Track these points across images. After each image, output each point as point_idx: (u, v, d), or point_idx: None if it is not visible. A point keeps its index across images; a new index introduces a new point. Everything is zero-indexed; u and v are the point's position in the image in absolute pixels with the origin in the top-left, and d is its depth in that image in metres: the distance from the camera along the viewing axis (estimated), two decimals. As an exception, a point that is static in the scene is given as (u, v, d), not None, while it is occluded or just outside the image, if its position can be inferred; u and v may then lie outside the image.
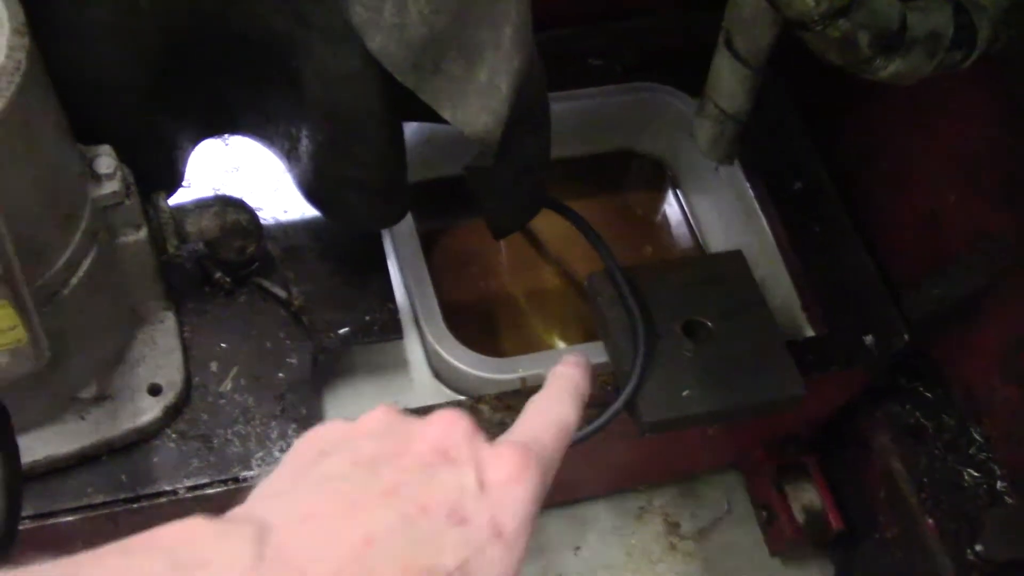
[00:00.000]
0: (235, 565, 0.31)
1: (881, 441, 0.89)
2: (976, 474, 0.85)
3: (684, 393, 0.74)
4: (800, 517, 0.93)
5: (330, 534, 0.33)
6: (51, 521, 0.67)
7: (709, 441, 0.93)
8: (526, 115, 0.63)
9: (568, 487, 0.98)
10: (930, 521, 0.84)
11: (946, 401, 0.88)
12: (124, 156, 0.62)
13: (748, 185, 0.90)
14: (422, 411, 0.47)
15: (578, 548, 0.98)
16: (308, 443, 0.39)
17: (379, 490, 0.35)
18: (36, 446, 0.66)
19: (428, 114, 0.59)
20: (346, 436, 0.39)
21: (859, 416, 0.91)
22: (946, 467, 0.86)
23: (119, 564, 0.30)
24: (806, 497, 0.94)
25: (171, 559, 0.30)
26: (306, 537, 0.33)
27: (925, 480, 0.86)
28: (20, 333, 0.48)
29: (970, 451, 0.86)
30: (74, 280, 0.60)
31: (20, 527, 0.61)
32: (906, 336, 0.84)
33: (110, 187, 0.61)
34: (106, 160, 0.61)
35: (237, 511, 0.34)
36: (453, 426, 0.39)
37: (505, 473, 0.38)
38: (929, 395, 0.89)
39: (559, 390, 0.45)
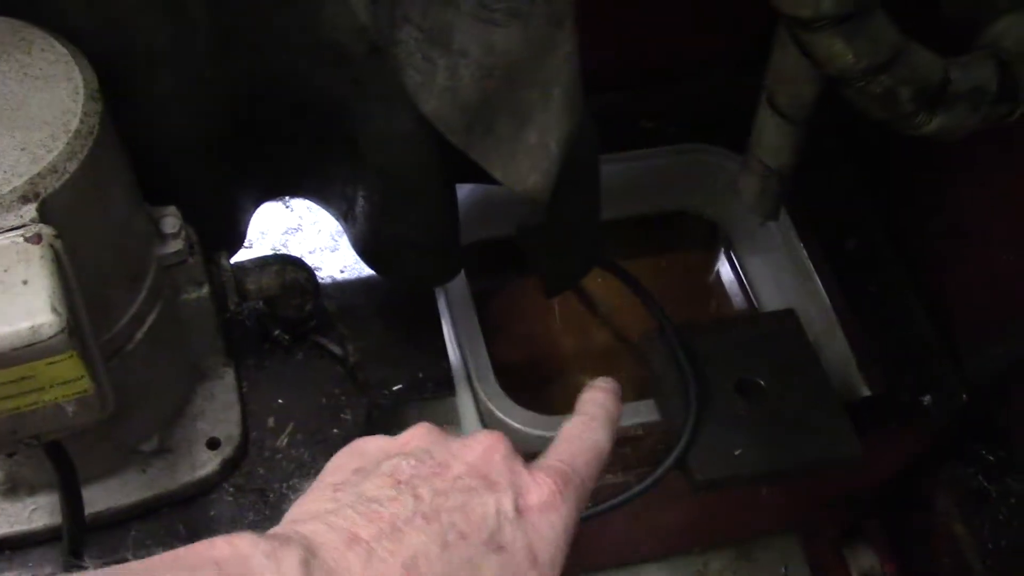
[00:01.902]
0: None
1: (944, 505, 0.87)
2: (1043, 540, 0.83)
3: (737, 452, 0.74)
4: (860, 582, 0.91)
5: (373, 556, 0.34)
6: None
7: (766, 503, 0.91)
8: (576, 175, 0.65)
9: (623, 549, 0.97)
10: (996, 588, 0.81)
11: (1010, 464, 0.86)
12: (189, 216, 0.65)
13: (801, 244, 0.90)
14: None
15: (632, 611, 0.97)
16: (347, 457, 0.40)
17: (420, 513, 0.36)
18: (99, 498, 0.68)
19: (480, 174, 0.61)
20: (386, 453, 0.39)
21: (921, 479, 0.89)
22: (1011, 532, 0.84)
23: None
24: (866, 562, 0.92)
25: (222, 574, 0.31)
26: (352, 559, 0.33)
27: (990, 546, 0.83)
28: (86, 383, 0.50)
29: (1036, 516, 0.84)
30: (139, 335, 0.62)
31: (82, 577, 0.63)
32: (965, 396, 0.82)
33: (175, 246, 0.63)
34: (171, 220, 0.63)
35: (283, 529, 0.35)
36: (492, 449, 0.39)
37: (542, 499, 0.38)
38: (992, 458, 0.87)
39: (591, 416, 0.45)
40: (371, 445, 0.41)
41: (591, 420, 0.45)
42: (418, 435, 0.41)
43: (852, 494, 0.94)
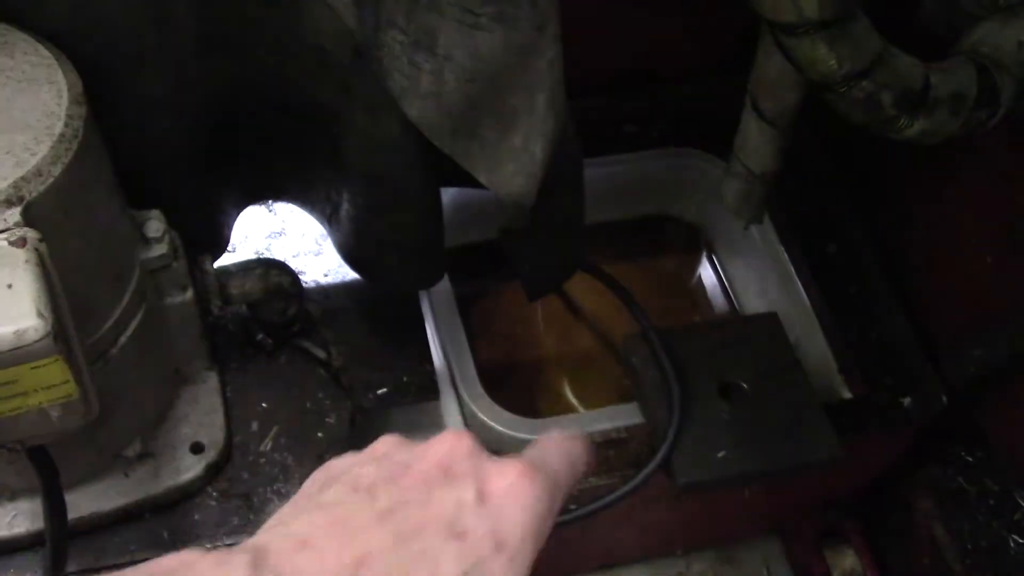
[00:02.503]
0: None
1: (923, 506, 0.88)
2: (1021, 540, 0.83)
3: (720, 454, 0.74)
4: (841, 583, 0.92)
5: (324, 556, 0.34)
6: (94, 577, 0.68)
7: (748, 505, 0.92)
8: (560, 178, 0.65)
9: (606, 551, 0.98)
10: (975, 588, 0.82)
11: (988, 465, 0.87)
12: (172, 220, 0.65)
13: (782, 248, 0.90)
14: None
15: (615, 613, 0.97)
16: (316, 476, 0.40)
17: (375, 512, 0.36)
18: (82, 502, 0.67)
19: (465, 178, 0.61)
20: (351, 464, 0.40)
21: (901, 480, 0.90)
22: (990, 533, 0.84)
23: None
24: (847, 563, 0.93)
25: None
26: (301, 562, 0.34)
27: (969, 547, 0.84)
28: (71, 388, 0.50)
29: (1015, 517, 0.85)
30: (122, 339, 0.62)
31: (64, 583, 0.63)
32: (944, 398, 0.83)
33: (158, 250, 0.63)
34: (155, 224, 0.63)
35: (239, 545, 0.35)
36: (456, 444, 0.39)
37: (507, 483, 0.37)
38: (970, 459, 0.87)
39: (562, 438, 0.44)
40: (339, 461, 0.41)
41: (561, 437, 0.44)
42: (383, 443, 0.41)
43: (833, 496, 0.95)
